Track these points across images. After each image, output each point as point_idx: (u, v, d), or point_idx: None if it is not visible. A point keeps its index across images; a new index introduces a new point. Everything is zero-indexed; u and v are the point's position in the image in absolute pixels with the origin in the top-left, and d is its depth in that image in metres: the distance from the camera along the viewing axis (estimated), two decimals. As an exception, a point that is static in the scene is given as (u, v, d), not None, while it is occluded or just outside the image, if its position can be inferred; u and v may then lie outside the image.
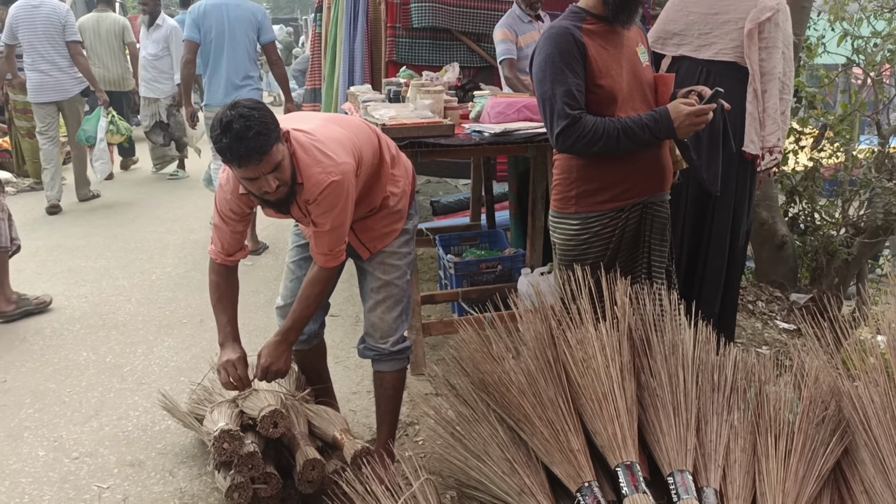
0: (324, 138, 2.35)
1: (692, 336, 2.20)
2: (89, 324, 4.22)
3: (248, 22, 5.24)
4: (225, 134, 2.11)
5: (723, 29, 3.08)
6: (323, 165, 2.28)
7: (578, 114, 2.36)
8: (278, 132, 2.20)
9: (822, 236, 4.76)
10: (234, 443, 2.41)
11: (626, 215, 2.51)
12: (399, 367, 2.69)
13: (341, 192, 2.30)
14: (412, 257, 2.70)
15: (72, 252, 5.62)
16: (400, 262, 2.62)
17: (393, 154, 2.64)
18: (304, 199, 2.33)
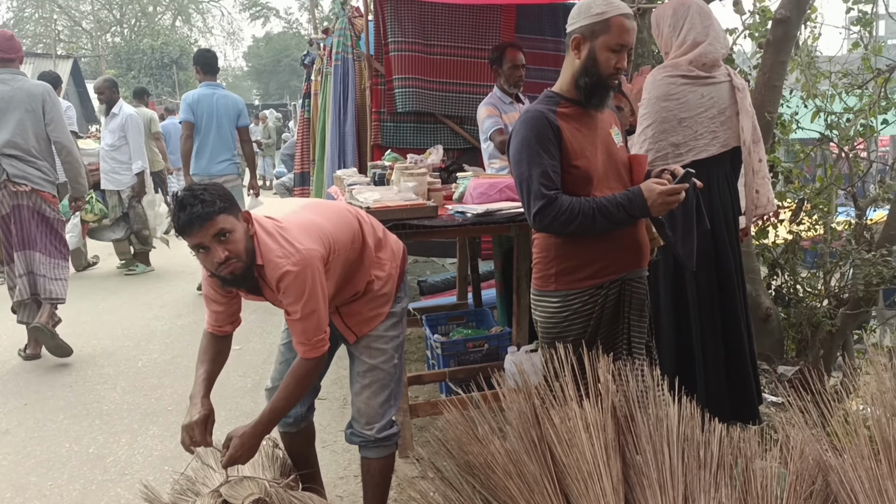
0: (289, 225, 2.38)
1: (676, 412, 2.19)
2: (73, 413, 4.17)
3: (232, 109, 6.48)
4: (178, 210, 2.24)
5: (719, 119, 3.20)
6: (283, 251, 2.31)
7: (554, 194, 2.41)
8: (229, 207, 2.27)
9: (806, 308, 4.79)
10: None
11: (606, 292, 2.54)
12: (386, 453, 2.66)
13: (304, 279, 2.30)
14: (400, 340, 2.68)
15: (57, 340, 5.58)
16: (386, 346, 2.61)
17: (379, 237, 2.66)
18: (270, 283, 2.35)
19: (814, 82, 5.74)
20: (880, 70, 5.49)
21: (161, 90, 31.15)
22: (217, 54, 7.06)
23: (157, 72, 32.74)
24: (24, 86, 4.88)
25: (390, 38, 5.43)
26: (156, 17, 39.63)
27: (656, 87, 3.21)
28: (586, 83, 2.50)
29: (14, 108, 4.79)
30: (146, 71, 32.51)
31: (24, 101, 4.81)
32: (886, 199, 5.22)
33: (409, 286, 2.80)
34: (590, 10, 2.47)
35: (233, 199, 2.32)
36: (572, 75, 2.53)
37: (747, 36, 5.66)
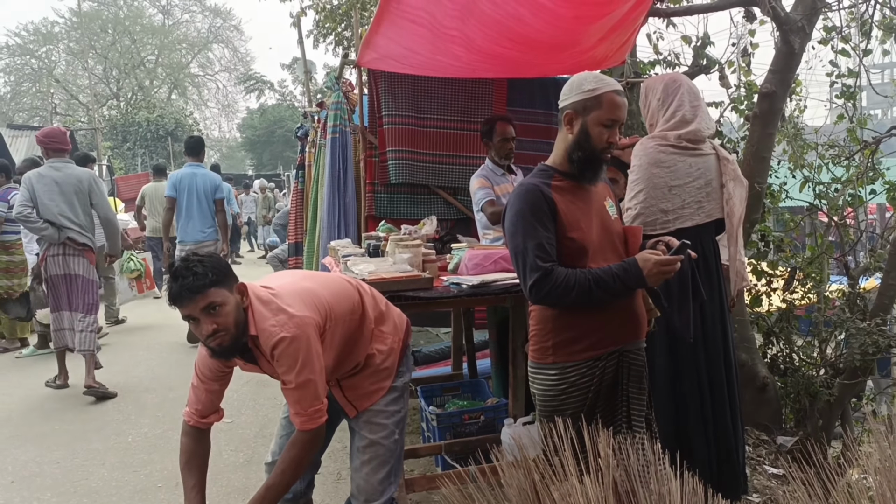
0: (285, 293, 2.39)
1: (679, 487, 2.16)
2: (60, 492, 4.07)
3: (210, 185, 7.54)
4: (172, 279, 2.27)
5: (705, 191, 3.25)
6: (277, 319, 2.31)
7: (550, 266, 2.43)
8: (222, 280, 2.28)
9: (803, 377, 4.77)
10: None
11: (604, 364, 2.53)
12: None
13: (299, 346, 2.30)
14: (402, 415, 2.64)
15: (47, 415, 5.50)
16: (387, 421, 2.57)
17: (381, 310, 2.65)
18: (265, 352, 2.34)
19: (801, 153, 5.86)
20: (867, 142, 5.60)
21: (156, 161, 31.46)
22: (203, 139, 8.19)
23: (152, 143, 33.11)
24: (73, 172, 6.10)
25: (384, 111, 5.53)
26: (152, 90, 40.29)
27: (647, 154, 3.26)
28: (580, 157, 2.54)
29: (65, 191, 5.96)
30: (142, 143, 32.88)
31: (73, 184, 6.02)
32: (878, 267, 5.26)
33: (412, 360, 2.78)
34: (581, 86, 2.53)
35: (227, 272, 2.33)
36: (565, 149, 2.57)
37: (733, 109, 5.79)
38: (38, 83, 38.06)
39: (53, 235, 5.90)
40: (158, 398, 5.89)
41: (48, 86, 36.55)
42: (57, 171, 6.00)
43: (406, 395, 2.69)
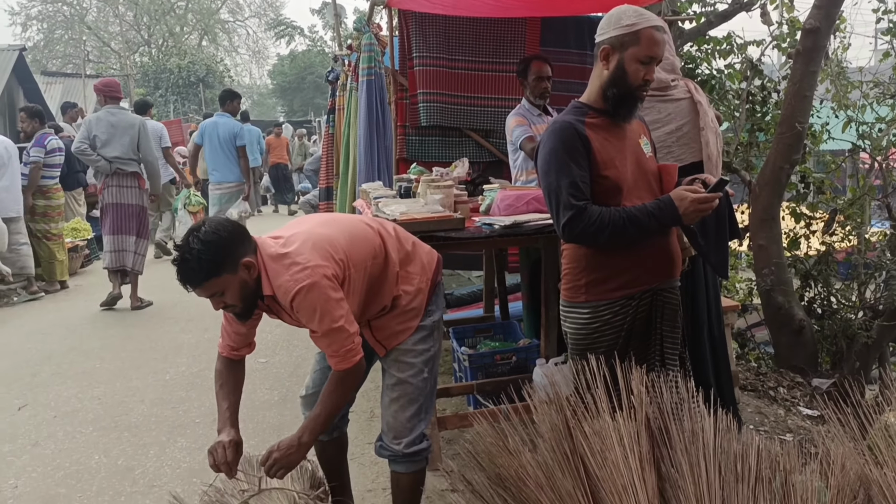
0: (298, 244, 2.36)
1: (712, 424, 2.15)
2: (102, 426, 4.18)
3: (229, 134, 8.01)
4: (178, 255, 2.28)
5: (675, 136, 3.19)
6: (290, 273, 2.30)
7: (584, 204, 2.39)
8: (219, 267, 2.27)
9: (840, 320, 4.71)
10: None
11: (637, 303, 2.50)
12: (415, 468, 2.62)
13: (316, 295, 2.28)
14: (431, 354, 2.62)
15: (86, 354, 5.63)
16: (415, 360, 2.57)
17: (407, 250, 2.61)
18: (285, 308, 2.35)
19: (844, 92, 5.68)
20: (913, 79, 5.41)
21: (188, 108, 31.53)
22: (230, 92, 8.74)
23: (183, 90, 33.13)
24: (125, 117, 7.23)
25: (414, 52, 5.44)
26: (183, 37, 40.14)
27: None
28: (614, 94, 2.48)
29: (120, 134, 7.01)
30: (173, 89, 32.91)
31: (125, 127, 7.04)
32: (921, 209, 5.13)
33: (443, 298, 2.75)
34: (620, 20, 2.45)
35: (226, 257, 2.28)
36: (600, 86, 2.51)
37: (774, 47, 5.62)
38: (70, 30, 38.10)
39: (105, 167, 6.98)
40: (194, 339, 6.00)
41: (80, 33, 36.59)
42: (112, 116, 7.07)
43: (436, 333, 2.67)
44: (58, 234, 8.20)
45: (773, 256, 4.55)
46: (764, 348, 5.34)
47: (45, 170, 7.89)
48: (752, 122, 5.71)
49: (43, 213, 8.02)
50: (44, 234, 8.03)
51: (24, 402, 4.63)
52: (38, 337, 6.21)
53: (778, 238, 4.63)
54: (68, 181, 9.39)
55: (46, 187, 8.00)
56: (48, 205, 8.05)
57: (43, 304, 7.66)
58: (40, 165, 7.75)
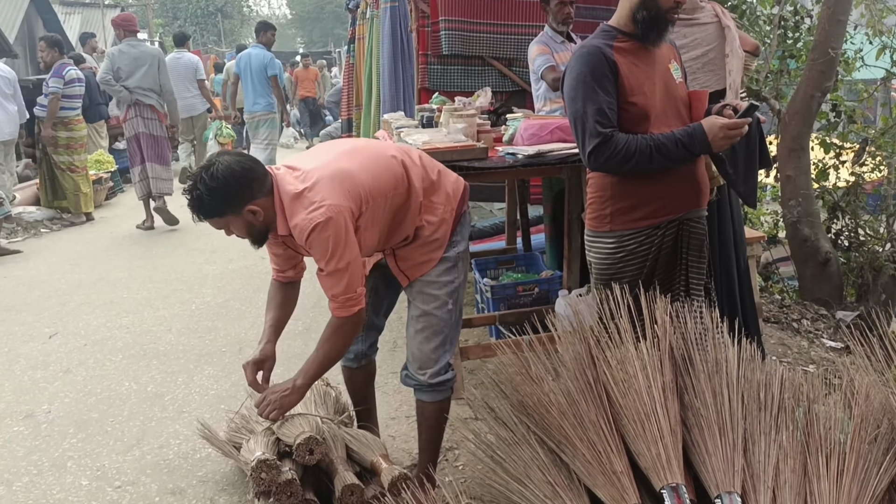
0: (317, 179, 2.32)
1: (736, 354, 2.15)
2: (131, 354, 4.27)
3: (260, 65, 8.50)
4: (189, 187, 2.31)
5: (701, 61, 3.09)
6: (307, 212, 2.27)
7: (610, 132, 2.35)
8: (224, 209, 2.30)
9: (867, 252, 4.65)
10: (272, 472, 2.40)
11: (663, 232, 2.47)
12: (440, 398, 2.63)
13: (329, 234, 2.26)
14: (455, 285, 2.59)
15: (113, 284, 5.72)
16: (439, 292, 2.55)
17: (433, 180, 2.56)
18: (300, 244, 2.34)
19: (879, 17, 5.48)
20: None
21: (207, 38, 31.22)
22: (264, 23, 9.22)
23: (202, 20, 32.75)
24: (146, 50, 7.69)
25: (436, -23, 5.31)
26: (200, -35, 39.49)
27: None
28: (644, 17, 2.41)
29: (140, 65, 7.43)
30: (191, 20, 32.54)
31: (147, 61, 7.47)
32: (955, 140, 5.01)
33: (469, 228, 2.72)
34: None
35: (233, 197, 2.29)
36: (630, 9, 2.44)
37: (810, -31, 5.41)
38: (87, -41, 37.59)
39: (127, 97, 7.46)
40: (219, 270, 6.05)
41: (97, -38, 36.04)
42: (134, 49, 7.53)
43: (461, 265, 2.64)
44: (81, 166, 8.24)
45: (801, 187, 4.47)
46: (788, 283, 5.31)
47: (64, 101, 7.87)
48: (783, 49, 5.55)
49: (66, 144, 8.04)
50: (68, 167, 8.07)
51: (55, 330, 4.73)
52: (65, 268, 6.31)
53: (806, 169, 4.54)
54: (90, 113, 9.39)
55: (68, 118, 7.99)
56: (71, 136, 8.06)
57: (70, 235, 7.75)
58: (59, 96, 7.73)
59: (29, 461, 3.12)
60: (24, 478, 3.00)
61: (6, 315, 5.06)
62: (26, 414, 3.56)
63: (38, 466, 3.08)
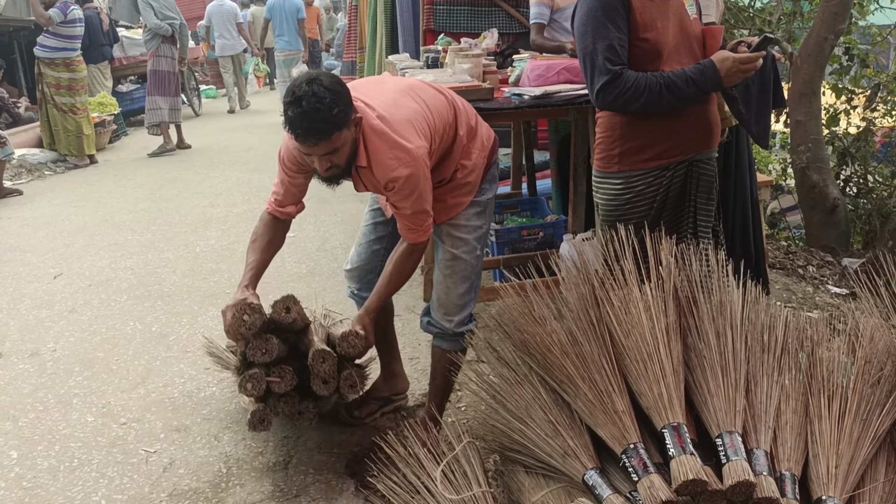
0: (395, 120, 2.29)
1: (740, 296, 2.13)
2: (136, 295, 4.28)
3: (293, 9, 10.47)
4: (293, 106, 2.12)
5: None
6: (394, 153, 2.25)
7: (620, 69, 2.29)
8: (347, 120, 2.17)
9: (876, 199, 4.61)
10: (255, 315, 2.41)
11: (671, 174, 2.43)
12: (459, 347, 2.62)
13: (417, 180, 2.27)
14: (483, 231, 2.59)
15: (118, 226, 5.71)
16: (469, 236, 2.53)
17: (472, 125, 2.54)
18: (377, 181, 2.32)
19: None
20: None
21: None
22: None
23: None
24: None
25: (442, -88, 5.17)
26: None
27: None
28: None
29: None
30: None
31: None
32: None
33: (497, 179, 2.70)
34: None
35: (350, 103, 2.20)
36: (643, -59, 2.36)
37: None
38: None
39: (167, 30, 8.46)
40: (223, 213, 6.04)
41: None
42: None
43: (489, 211, 2.62)
44: (83, 107, 8.17)
45: (811, 133, 4.41)
46: (795, 231, 5.27)
47: (65, 41, 7.77)
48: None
49: (68, 86, 7.96)
50: (70, 108, 8.00)
51: (60, 270, 4.73)
52: (69, 210, 6.30)
53: (817, 114, 4.47)
54: (91, 54, 9.29)
55: (70, 59, 7.90)
56: (73, 77, 7.97)
57: (73, 177, 7.73)
58: (53, 23, 7.62)
59: (35, 398, 3.15)
60: (30, 414, 3.03)
61: (11, 255, 5.07)
62: (32, 352, 3.58)
63: (43, 403, 3.11)
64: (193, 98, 12.28)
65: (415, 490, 2.22)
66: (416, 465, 2.30)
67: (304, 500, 2.44)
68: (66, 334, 3.77)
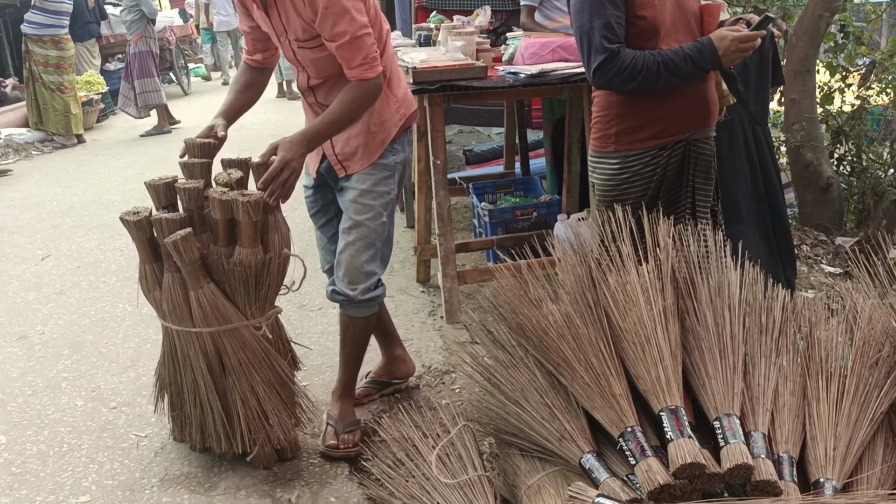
0: None
1: (738, 277, 2.11)
2: (125, 277, 4.23)
3: None
4: None
5: None
6: None
7: (617, 48, 2.25)
8: None
9: (870, 177, 4.58)
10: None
11: (669, 153, 2.40)
12: (368, 313, 2.57)
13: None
14: (391, 197, 2.52)
15: (106, 207, 5.65)
16: (374, 202, 2.46)
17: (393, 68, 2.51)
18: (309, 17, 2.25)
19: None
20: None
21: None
22: None
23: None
24: None
25: None
26: None
27: None
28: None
29: None
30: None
31: None
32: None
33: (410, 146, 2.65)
34: None
35: None
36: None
37: None
38: None
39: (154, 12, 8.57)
40: (213, 193, 5.98)
41: None
42: None
43: (398, 177, 2.55)
44: (70, 86, 8.07)
45: (806, 111, 4.37)
46: (789, 210, 5.25)
47: (52, 17, 7.66)
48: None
49: (56, 64, 7.86)
50: (57, 87, 7.90)
51: (48, 252, 4.68)
52: (57, 190, 6.23)
53: (812, 92, 4.43)
54: (78, 32, 9.16)
55: (58, 37, 7.80)
56: (61, 56, 7.87)
57: (61, 157, 7.65)
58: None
59: (23, 382, 3.12)
60: (18, 398, 3.00)
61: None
62: (20, 335, 3.54)
63: (32, 387, 3.08)
64: (182, 77, 12.21)
65: (409, 474, 2.21)
66: (411, 448, 2.29)
67: (298, 484, 2.42)
68: (55, 317, 3.73)
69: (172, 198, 2.38)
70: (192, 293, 2.30)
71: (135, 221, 2.36)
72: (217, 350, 2.36)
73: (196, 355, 2.36)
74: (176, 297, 2.35)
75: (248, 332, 2.36)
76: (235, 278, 2.31)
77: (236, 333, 2.35)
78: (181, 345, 2.40)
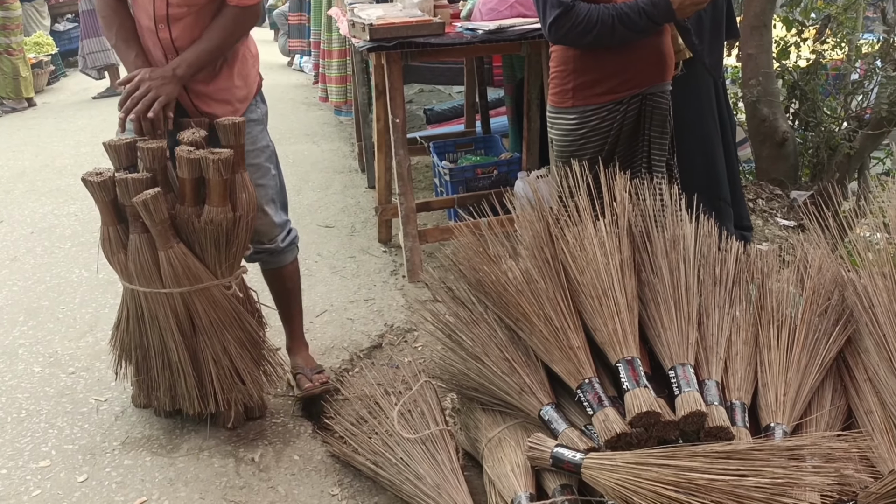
0: None
1: (693, 230, 2.14)
2: (80, 241, 4.16)
3: None
4: None
5: None
6: None
7: (571, 2, 2.25)
8: None
9: (824, 132, 4.65)
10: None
11: (625, 107, 2.41)
12: (293, 256, 2.65)
13: None
14: (272, 149, 2.53)
15: (59, 171, 5.52)
16: (263, 161, 2.46)
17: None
18: None
19: None
20: None
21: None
22: None
23: None
24: None
25: None
26: None
27: None
28: None
29: None
30: None
31: None
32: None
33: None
34: None
35: None
36: None
37: None
38: None
39: None
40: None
41: None
42: None
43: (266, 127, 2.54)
44: (19, 48, 7.82)
45: (762, 66, 4.41)
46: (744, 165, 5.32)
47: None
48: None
49: (2, 25, 7.60)
50: (5, 49, 7.66)
51: (0, 218, 4.58)
52: (8, 154, 6.07)
53: (768, 47, 4.47)
54: (25, -11, 8.88)
55: (2, -4, 7.53)
56: (7, 16, 7.60)
57: (11, 121, 7.44)
58: None
59: (-21, 349, 3.07)
60: (-26, 366, 2.95)
61: (-53, 203, 4.89)
62: (-26, 303, 3.48)
63: (-12, 354, 3.03)
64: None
65: (372, 430, 2.23)
66: (374, 405, 2.31)
67: (261, 444, 2.43)
68: (9, 283, 3.66)
69: (133, 159, 2.31)
70: (162, 253, 2.26)
71: (98, 182, 2.29)
72: (188, 310, 2.33)
73: (165, 316, 2.33)
74: (144, 258, 2.30)
75: (219, 291, 2.33)
76: (206, 237, 2.28)
77: (207, 293, 2.32)
78: (149, 307, 2.36)
